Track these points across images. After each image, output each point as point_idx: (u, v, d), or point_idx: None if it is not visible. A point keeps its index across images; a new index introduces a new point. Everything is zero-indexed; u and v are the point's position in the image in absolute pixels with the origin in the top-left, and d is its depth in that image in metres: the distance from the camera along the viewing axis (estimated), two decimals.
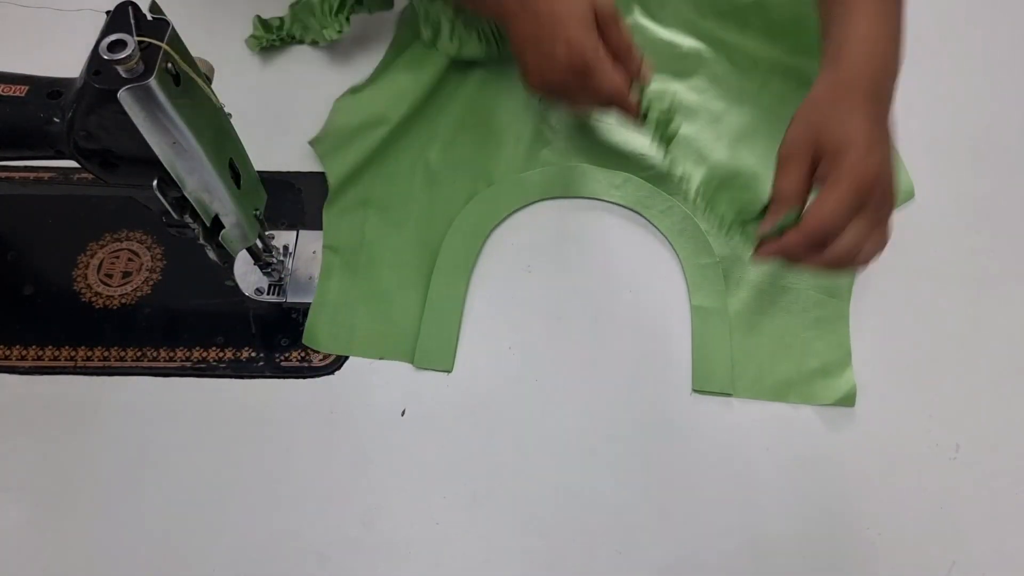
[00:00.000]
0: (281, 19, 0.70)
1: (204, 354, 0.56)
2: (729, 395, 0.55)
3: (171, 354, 0.56)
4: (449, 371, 0.56)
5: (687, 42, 0.70)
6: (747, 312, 0.58)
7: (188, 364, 0.56)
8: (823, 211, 0.45)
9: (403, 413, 0.55)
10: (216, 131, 0.44)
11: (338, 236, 0.61)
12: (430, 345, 0.57)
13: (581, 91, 0.56)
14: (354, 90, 0.68)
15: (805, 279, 0.59)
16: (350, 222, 0.62)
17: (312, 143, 0.65)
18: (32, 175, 0.63)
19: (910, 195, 0.63)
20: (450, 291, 0.59)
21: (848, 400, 0.55)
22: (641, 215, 0.63)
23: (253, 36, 0.70)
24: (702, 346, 0.57)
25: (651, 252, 0.61)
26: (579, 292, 0.59)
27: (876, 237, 0.47)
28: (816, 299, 0.59)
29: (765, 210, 0.49)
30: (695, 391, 0.55)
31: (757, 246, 0.49)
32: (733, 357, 0.56)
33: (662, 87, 0.66)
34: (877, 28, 0.50)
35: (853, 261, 0.47)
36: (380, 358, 0.57)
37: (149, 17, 0.39)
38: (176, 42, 0.39)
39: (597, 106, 0.59)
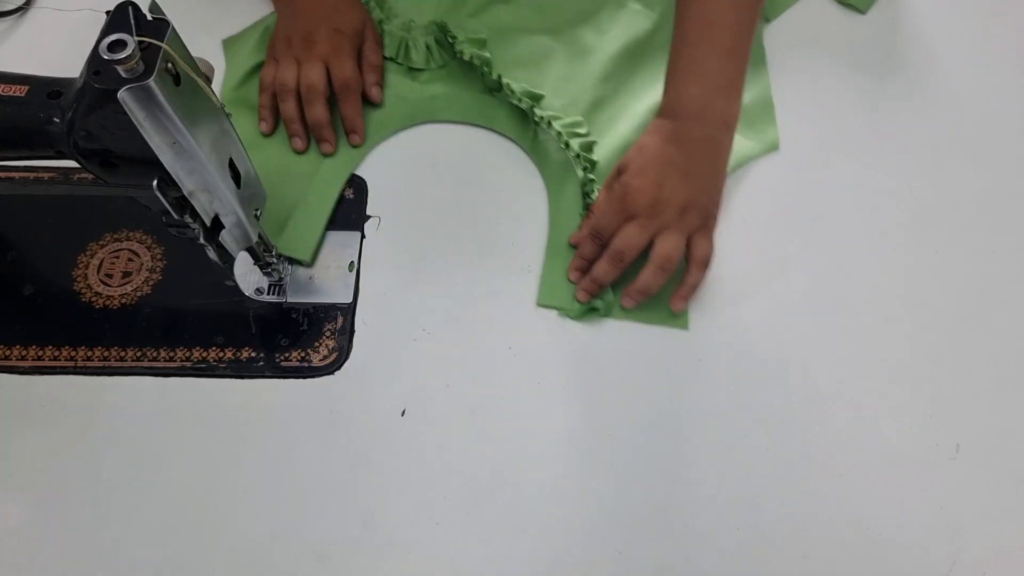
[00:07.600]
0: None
1: (204, 354, 0.56)
2: (569, 314, 0.58)
3: (171, 354, 0.56)
4: (308, 263, 0.59)
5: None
6: None
7: (188, 364, 0.56)
8: (594, 210, 0.58)
9: (403, 413, 0.55)
10: (216, 131, 0.44)
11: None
12: (294, 234, 0.60)
13: (306, 64, 0.62)
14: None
15: None
16: (246, 122, 0.66)
17: (225, 42, 0.70)
18: (32, 175, 0.63)
19: (774, 147, 0.66)
20: (325, 190, 0.62)
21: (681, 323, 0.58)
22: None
23: None
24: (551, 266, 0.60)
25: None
26: None
27: (667, 239, 0.55)
28: None
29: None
30: (538, 305, 0.59)
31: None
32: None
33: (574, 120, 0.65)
34: (704, 86, 0.57)
35: (626, 259, 0.55)
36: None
37: (149, 17, 0.39)
38: (176, 42, 0.39)
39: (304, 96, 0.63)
